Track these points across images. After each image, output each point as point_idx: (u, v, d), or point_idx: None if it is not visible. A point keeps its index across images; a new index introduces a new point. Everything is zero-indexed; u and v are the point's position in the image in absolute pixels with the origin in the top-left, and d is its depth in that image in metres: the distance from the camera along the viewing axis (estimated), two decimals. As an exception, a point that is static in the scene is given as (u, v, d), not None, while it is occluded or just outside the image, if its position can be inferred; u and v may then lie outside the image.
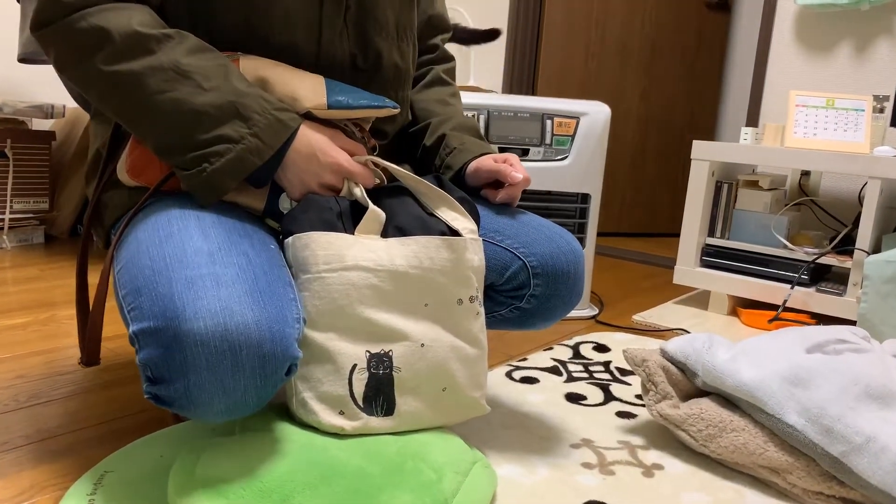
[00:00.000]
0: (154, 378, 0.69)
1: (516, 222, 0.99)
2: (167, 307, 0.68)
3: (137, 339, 0.70)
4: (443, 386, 0.87)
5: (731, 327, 1.74)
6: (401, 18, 0.98)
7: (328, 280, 0.81)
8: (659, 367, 1.07)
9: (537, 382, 1.26)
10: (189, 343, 0.67)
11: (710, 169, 1.85)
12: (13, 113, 2.07)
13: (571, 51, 2.86)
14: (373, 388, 0.83)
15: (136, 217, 0.84)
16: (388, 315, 0.84)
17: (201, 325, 0.67)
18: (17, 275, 1.79)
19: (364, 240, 0.85)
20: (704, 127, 3.16)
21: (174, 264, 0.72)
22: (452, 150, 1.04)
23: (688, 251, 1.89)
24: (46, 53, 0.81)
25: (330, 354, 0.81)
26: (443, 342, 0.86)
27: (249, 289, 0.71)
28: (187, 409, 0.69)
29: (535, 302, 0.97)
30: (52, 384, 1.13)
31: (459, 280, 0.88)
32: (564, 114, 1.67)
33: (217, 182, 0.79)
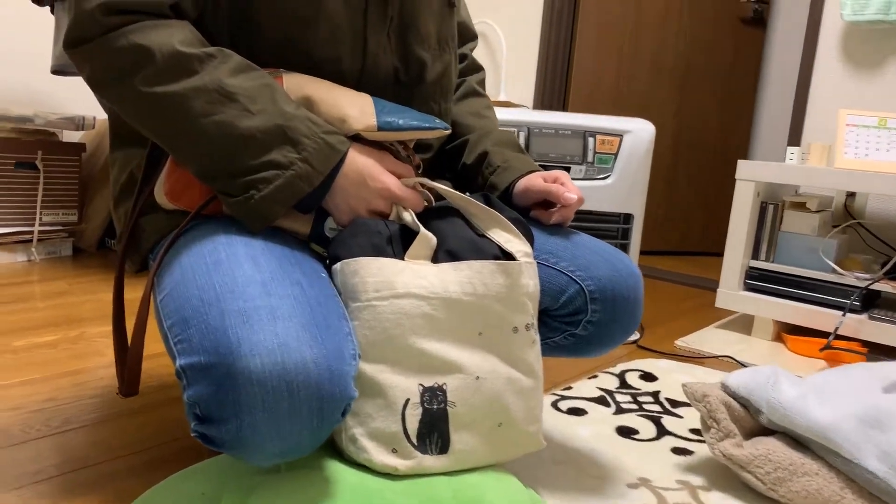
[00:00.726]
0: (203, 417, 0.65)
1: (570, 243, 0.94)
2: (220, 341, 0.63)
3: (185, 374, 0.66)
4: (499, 421, 0.81)
5: (778, 354, 1.68)
6: (442, 28, 0.94)
7: (379, 308, 0.76)
8: (721, 402, 1.01)
9: (585, 414, 1.20)
10: (244, 382, 0.62)
11: (755, 189, 1.79)
12: (45, 125, 2.06)
13: (604, 66, 2.81)
14: (427, 424, 0.78)
15: (177, 242, 0.80)
16: (441, 345, 0.79)
17: (258, 362, 0.62)
18: (46, 289, 1.76)
19: (415, 265, 0.80)
20: (738, 145, 3.09)
21: (225, 294, 0.68)
22: (496, 168, 0.99)
23: (731, 274, 1.83)
24: (80, 71, 0.77)
25: (381, 388, 0.76)
26: (499, 374, 0.81)
27: (306, 322, 0.66)
28: (238, 452, 0.65)
29: (592, 328, 0.91)
30: (84, 408, 1.09)
31: (515, 307, 0.82)
32: (607, 131, 1.61)
33: (265, 209, 0.74)
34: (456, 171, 1.06)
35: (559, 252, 0.93)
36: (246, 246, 0.74)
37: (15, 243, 2.02)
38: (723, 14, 2.92)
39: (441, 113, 0.97)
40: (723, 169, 3.09)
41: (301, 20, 0.80)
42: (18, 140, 2.01)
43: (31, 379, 1.19)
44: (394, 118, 0.83)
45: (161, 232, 0.85)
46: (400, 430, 0.76)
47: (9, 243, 2.00)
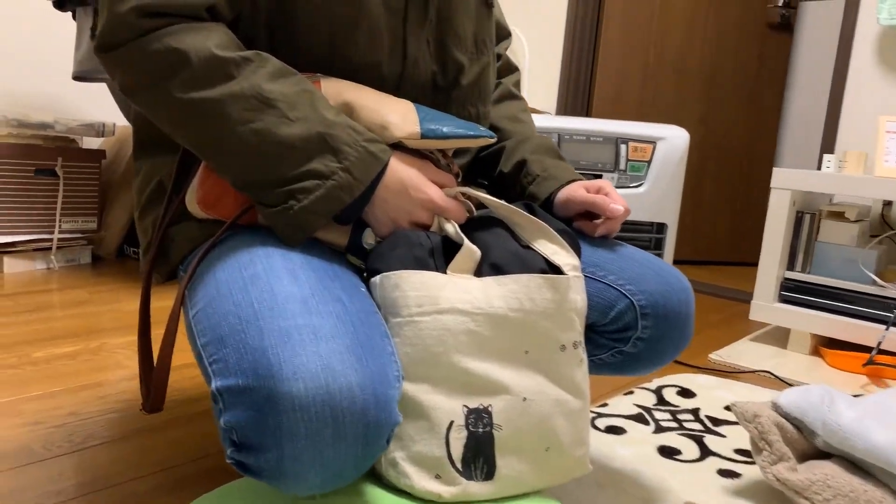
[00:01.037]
0: (240, 443, 0.60)
1: (618, 255, 0.90)
2: (259, 362, 0.59)
3: (222, 397, 0.61)
4: (546, 445, 0.76)
5: (817, 369, 1.62)
6: (479, 29, 0.90)
7: (421, 325, 0.72)
8: (773, 423, 0.96)
9: (624, 433, 1.15)
10: (286, 407, 0.57)
11: (791, 198, 1.74)
12: (65, 131, 2.04)
13: (628, 71, 2.77)
14: (472, 448, 0.73)
15: (210, 253, 0.76)
16: (486, 364, 0.74)
17: (301, 386, 0.58)
18: (65, 298, 1.73)
19: (458, 279, 0.75)
20: (765, 152, 3.03)
21: (263, 311, 0.64)
22: (535, 177, 0.95)
23: (766, 285, 1.77)
24: (112, 76, 0.73)
25: (424, 409, 0.72)
26: (546, 395, 0.76)
27: (350, 343, 0.62)
28: (277, 481, 0.60)
29: (642, 346, 0.87)
30: (106, 423, 1.06)
31: (563, 323, 0.77)
32: (640, 138, 1.57)
33: (305, 221, 0.71)
34: (492, 178, 1.01)
35: (606, 265, 0.89)
36: (284, 258, 0.70)
37: (34, 251, 2.00)
38: (749, 19, 2.86)
39: (479, 117, 0.93)
40: (750, 176, 3.03)
41: (343, 21, 0.76)
42: (38, 147, 1.99)
43: (52, 392, 1.16)
44: (437, 125, 0.79)
45: (192, 242, 0.81)
46: (444, 454, 0.72)
47: (28, 251, 1.98)
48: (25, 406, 1.10)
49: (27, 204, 1.98)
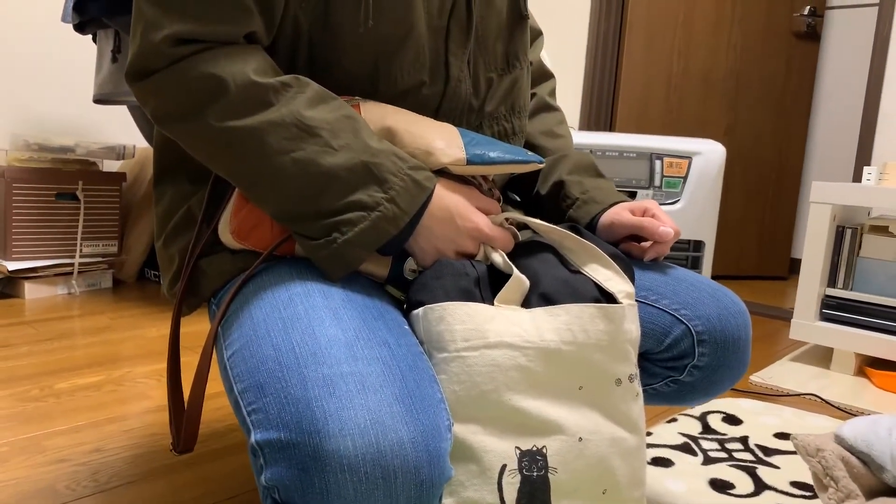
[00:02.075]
0: (283, 502, 0.56)
1: (671, 279, 0.84)
2: (303, 416, 0.55)
3: (262, 452, 0.57)
4: (603, 488, 0.71)
5: (864, 391, 1.55)
6: (511, 45, 0.86)
7: (469, 360, 0.67)
8: (837, 457, 0.90)
9: (672, 465, 1.09)
10: (334, 466, 0.53)
11: (832, 213, 1.68)
12: (86, 154, 2.02)
13: (652, 83, 2.72)
14: (526, 494, 0.67)
15: (244, 287, 0.72)
16: (539, 402, 0.69)
17: (349, 444, 0.53)
18: (87, 324, 1.70)
19: (507, 311, 0.71)
20: (793, 163, 2.97)
21: (306, 358, 0.59)
22: (575, 200, 0.90)
23: (807, 303, 1.71)
24: (144, 106, 0.69)
25: (474, 452, 0.66)
26: (602, 434, 0.71)
27: (399, 393, 0.58)
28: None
29: (699, 374, 0.82)
30: (132, 460, 1.02)
31: (618, 356, 0.72)
32: (675, 153, 1.52)
33: (349, 254, 0.67)
34: (528, 197, 0.97)
35: (659, 288, 0.83)
36: (324, 297, 0.66)
37: (55, 276, 1.97)
38: (774, 28, 2.81)
39: (514, 132, 0.89)
40: (778, 188, 2.96)
41: (389, 41, 0.72)
42: (59, 170, 1.97)
43: (77, 426, 1.12)
44: (483, 150, 0.75)
45: (224, 276, 0.77)
46: (497, 500, 0.66)
47: (49, 276, 1.96)
48: (49, 442, 1.06)
49: (48, 228, 1.96)
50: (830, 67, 3.15)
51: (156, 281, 2.22)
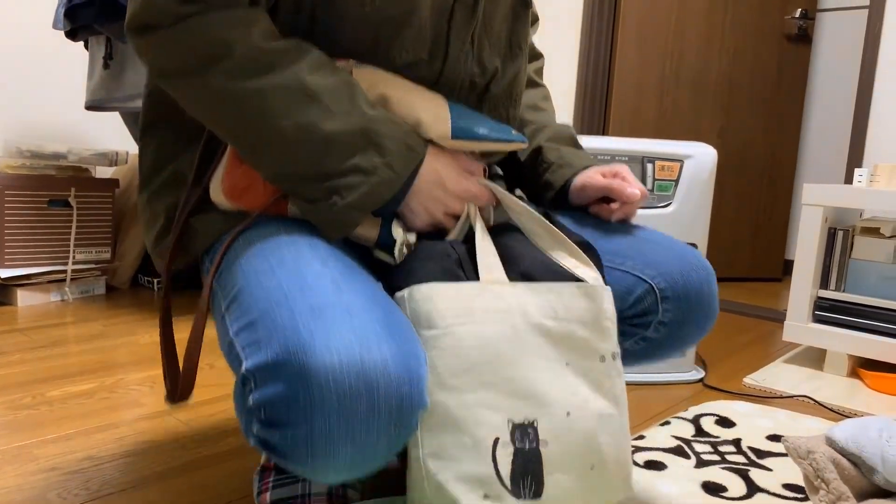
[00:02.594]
0: (268, 420, 0.57)
1: (635, 240, 0.87)
2: (289, 338, 0.57)
3: (253, 377, 0.58)
4: (591, 463, 0.72)
5: (857, 392, 1.55)
6: (514, 31, 0.88)
7: (459, 334, 0.68)
8: (829, 460, 0.90)
9: (665, 468, 1.09)
10: (319, 380, 0.55)
11: (823, 215, 1.68)
12: (78, 161, 2.02)
13: (645, 86, 2.73)
14: (520, 465, 0.68)
15: (235, 244, 0.74)
16: (528, 377, 0.70)
17: (334, 359, 0.55)
18: (80, 331, 1.70)
19: (492, 287, 0.72)
20: (786, 165, 2.98)
21: (294, 293, 0.62)
22: (550, 165, 0.93)
23: (799, 305, 1.71)
24: (142, 57, 0.71)
25: (467, 425, 0.67)
26: (590, 410, 0.72)
27: (382, 320, 0.60)
28: (304, 462, 0.57)
29: (665, 330, 0.84)
30: (124, 467, 1.01)
31: (600, 333, 0.74)
32: (667, 156, 1.52)
33: (347, 217, 0.69)
34: (509, 166, 0.99)
35: (624, 251, 0.86)
36: (311, 247, 0.69)
37: (49, 283, 1.97)
38: (766, 31, 2.83)
39: (509, 119, 0.91)
40: (770, 190, 2.97)
41: (393, 19, 0.74)
42: (52, 177, 1.97)
43: (69, 434, 1.12)
44: (469, 125, 0.78)
45: (215, 234, 0.79)
46: (492, 471, 0.67)
47: (42, 283, 1.95)
48: (40, 450, 1.06)
49: (41, 235, 1.95)
50: (822, 70, 3.17)
51: (149, 286, 2.21)
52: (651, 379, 1.54)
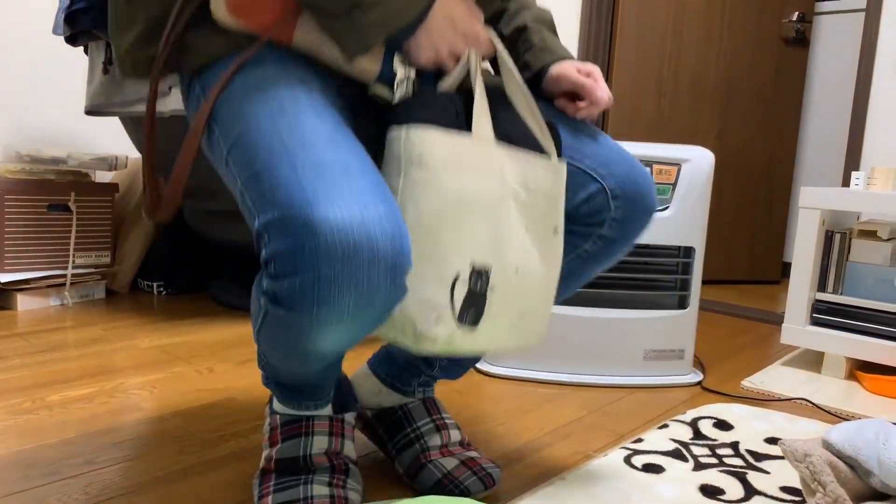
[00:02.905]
0: (278, 273, 0.64)
1: (590, 140, 0.93)
2: (295, 195, 0.63)
3: (266, 232, 0.65)
4: (522, 313, 0.82)
5: (855, 395, 1.56)
6: None
7: (445, 181, 0.75)
8: (825, 463, 0.91)
9: (663, 471, 1.10)
10: (324, 230, 0.61)
11: (820, 218, 1.69)
12: (78, 165, 2.02)
13: (643, 89, 2.73)
14: (468, 301, 0.77)
15: (233, 81, 0.75)
16: (493, 231, 0.78)
17: (337, 212, 0.62)
18: (80, 335, 1.70)
19: (482, 147, 0.78)
20: (784, 168, 2.99)
21: (294, 146, 0.67)
22: (533, 46, 0.96)
23: (797, 308, 1.72)
24: None
25: (436, 260, 0.74)
26: (534, 271, 0.82)
27: (374, 182, 0.67)
28: (310, 310, 0.63)
29: (617, 226, 0.91)
30: (123, 472, 1.02)
31: (556, 205, 0.84)
32: (664, 160, 1.53)
33: (368, 33, 0.72)
34: None
35: (580, 148, 0.92)
36: (307, 95, 0.73)
37: (48, 287, 1.97)
38: (764, 35, 2.83)
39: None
40: (769, 192, 2.98)
41: None
42: (51, 182, 1.97)
43: (68, 438, 1.12)
44: None
45: (211, 54, 0.79)
46: (448, 301, 0.75)
47: (42, 287, 1.96)
48: (42, 454, 1.06)
49: (41, 240, 1.96)
50: (820, 72, 3.18)
51: (149, 290, 2.22)
52: (649, 382, 1.55)
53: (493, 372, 1.55)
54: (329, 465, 0.92)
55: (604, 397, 1.46)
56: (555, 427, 1.28)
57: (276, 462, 0.92)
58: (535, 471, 1.09)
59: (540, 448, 1.18)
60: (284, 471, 0.91)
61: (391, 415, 1.04)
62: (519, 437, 1.22)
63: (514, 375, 1.54)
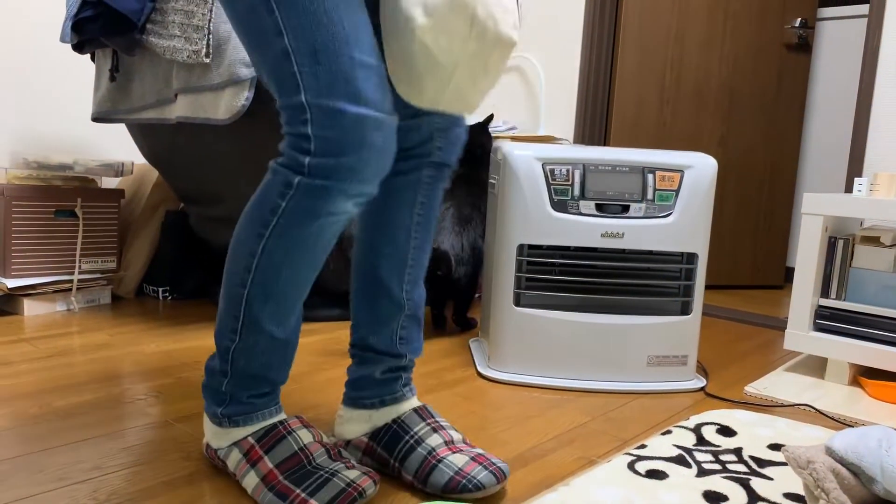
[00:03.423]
0: (320, 151, 0.81)
1: None
2: (351, 93, 0.80)
3: (310, 110, 0.80)
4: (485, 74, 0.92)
5: (858, 401, 1.56)
6: None
7: None
8: (828, 469, 0.91)
9: (666, 477, 1.10)
10: (372, 126, 0.82)
11: (823, 224, 1.69)
12: (84, 172, 2.04)
13: (645, 96, 2.74)
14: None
15: None
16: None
17: (377, 114, 0.82)
18: (86, 341, 1.71)
19: None
20: (786, 174, 2.99)
21: (350, 39, 0.80)
22: None
23: (800, 314, 1.72)
24: None
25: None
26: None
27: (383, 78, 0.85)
28: (342, 178, 0.82)
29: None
30: (133, 476, 1.03)
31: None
32: (667, 167, 1.54)
33: None
34: None
35: None
36: None
37: (54, 293, 1.98)
38: (766, 41, 2.84)
39: None
40: (771, 198, 2.98)
41: None
42: (58, 188, 1.99)
43: (75, 444, 1.13)
44: None
45: None
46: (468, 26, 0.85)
47: (48, 293, 1.97)
48: (49, 460, 1.07)
49: (47, 245, 1.97)
50: (822, 78, 3.18)
51: (154, 296, 2.23)
52: (652, 388, 1.55)
53: (497, 378, 1.56)
54: (325, 449, 0.95)
55: (607, 403, 1.46)
56: (558, 433, 1.28)
57: (277, 467, 0.93)
58: (539, 476, 1.10)
59: (544, 454, 1.19)
60: (289, 469, 0.93)
61: (386, 431, 1.06)
62: (523, 443, 1.22)
63: (517, 381, 1.55)
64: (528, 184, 1.51)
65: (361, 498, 0.91)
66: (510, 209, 1.53)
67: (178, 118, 1.67)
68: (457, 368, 1.64)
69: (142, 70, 1.77)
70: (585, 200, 1.52)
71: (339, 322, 2.02)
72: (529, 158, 1.52)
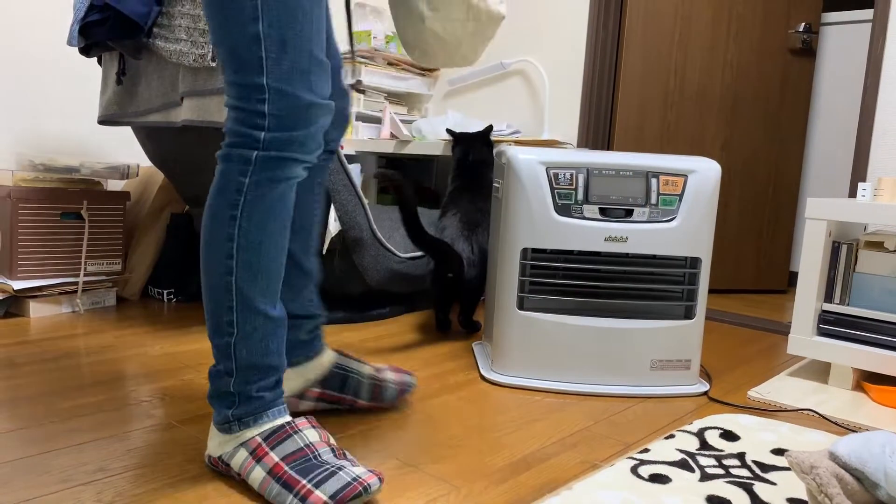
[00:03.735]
0: (274, 126, 0.92)
1: None
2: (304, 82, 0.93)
3: (269, 91, 0.90)
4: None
5: (862, 406, 1.56)
6: None
7: None
8: (832, 475, 0.91)
9: (669, 482, 1.10)
10: (324, 112, 0.97)
11: (827, 228, 1.69)
12: (90, 174, 2.05)
13: (649, 100, 2.75)
14: None
15: None
16: None
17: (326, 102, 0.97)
18: (91, 343, 1.72)
19: None
20: (790, 178, 2.99)
21: (311, 36, 0.92)
22: None
23: (804, 318, 1.72)
24: None
25: None
26: None
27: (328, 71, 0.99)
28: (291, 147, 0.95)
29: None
30: (137, 478, 1.03)
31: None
32: (671, 171, 1.54)
33: None
34: None
35: None
36: None
37: (60, 294, 1.99)
38: (770, 45, 2.84)
39: None
40: (775, 203, 2.98)
41: None
42: (64, 190, 2.00)
43: (80, 445, 1.13)
44: None
45: None
46: None
47: (54, 295, 1.98)
48: (54, 461, 1.07)
49: (53, 247, 1.98)
50: (826, 83, 3.18)
51: (159, 298, 2.24)
52: (655, 392, 1.55)
53: (500, 381, 1.56)
54: (330, 448, 0.97)
55: (610, 407, 1.46)
56: (561, 436, 1.28)
57: (283, 459, 0.96)
58: (542, 480, 1.10)
59: (547, 457, 1.19)
60: (295, 460, 0.96)
61: (332, 376, 1.28)
62: (526, 447, 1.23)
63: (520, 385, 1.55)
64: (531, 188, 1.52)
65: (366, 493, 0.92)
66: (514, 213, 1.54)
67: (183, 121, 1.68)
68: (460, 372, 1.65)
69: (148, 73, 1.78)
70: (589, 204, 1.52)
71: (344, 325, 2.02)
72: (533, 162, 1.52)
